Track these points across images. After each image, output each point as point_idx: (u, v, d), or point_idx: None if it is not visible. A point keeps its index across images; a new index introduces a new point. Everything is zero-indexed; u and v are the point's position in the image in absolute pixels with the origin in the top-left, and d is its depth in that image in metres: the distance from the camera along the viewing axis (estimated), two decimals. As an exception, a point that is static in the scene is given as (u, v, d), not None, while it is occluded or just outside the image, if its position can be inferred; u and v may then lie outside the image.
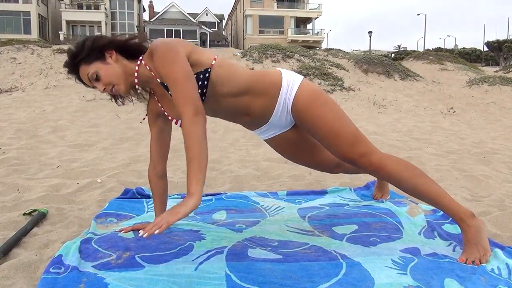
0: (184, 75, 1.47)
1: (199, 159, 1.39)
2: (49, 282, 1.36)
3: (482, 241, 1.60)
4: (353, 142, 1.66)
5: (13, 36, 24.86)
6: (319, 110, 1.68)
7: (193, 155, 1.39)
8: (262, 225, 2.00)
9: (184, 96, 1.44)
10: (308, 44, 35.20)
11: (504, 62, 27.25)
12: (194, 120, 1.42)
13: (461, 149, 4.46)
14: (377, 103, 9.35)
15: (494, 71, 15.18)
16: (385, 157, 1.68)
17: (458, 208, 1.65)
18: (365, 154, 1.66)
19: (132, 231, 1.67)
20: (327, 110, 1.69)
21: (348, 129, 1.69)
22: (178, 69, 1.47)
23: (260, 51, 12.76)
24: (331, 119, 1.68)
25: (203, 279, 1.42)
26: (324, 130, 1.68)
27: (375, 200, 2.43)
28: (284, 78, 1.71)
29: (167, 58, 1.49)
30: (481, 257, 1.57)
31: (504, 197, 2.58)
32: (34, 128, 5.39)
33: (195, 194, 1.34)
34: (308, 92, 1.70)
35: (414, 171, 1.69)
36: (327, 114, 1.68)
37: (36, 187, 2.68)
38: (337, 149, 1.69)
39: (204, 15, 44.77)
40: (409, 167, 1.69)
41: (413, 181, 1.66)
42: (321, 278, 1.43)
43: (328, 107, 1.70)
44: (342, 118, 1.71)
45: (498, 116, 8.46)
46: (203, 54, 1.60)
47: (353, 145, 1.66)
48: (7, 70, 11.20)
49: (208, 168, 3.36)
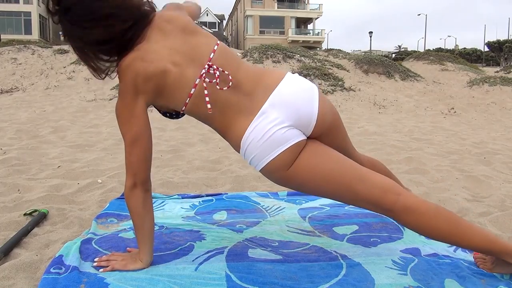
0: (130, 138, 1.36)
1: (141, 230, 1.44)
2: (49, 282, 1.36)
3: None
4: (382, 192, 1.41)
5: (14, 37, 24.88)
6: (299, 187, 1.48)
7: (135, 226, 1.45)
8: (262, 225, 2.00)
9: (127, 163, 1.38)
10: (309, 45, 35.21)
11: (505, 63, 27.25)
12: (131, 193, 1.39)
13: (462, 149, 4.46)
14: (378, 104, 9.35)
15: (494, 72, 15.16)
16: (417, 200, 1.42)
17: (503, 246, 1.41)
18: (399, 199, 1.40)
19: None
20: (310, 186, 1.45)
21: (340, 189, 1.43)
22: (126, 131, 1.37)
23: (261, 51, 12.76)
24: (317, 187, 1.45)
25: (203, 279, 1.42)
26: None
27: None
28: (241, 149, 1.46)
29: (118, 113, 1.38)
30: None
31: (504, 197, 2.58)
32: (34, 129, 5.39)
33: (142, 261, 1.48)
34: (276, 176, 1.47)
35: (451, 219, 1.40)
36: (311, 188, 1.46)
37: (36, 187, 2.68)
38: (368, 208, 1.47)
39: (204, 15, 44.82)
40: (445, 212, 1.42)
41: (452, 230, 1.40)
42: (321, 279, 1.43)
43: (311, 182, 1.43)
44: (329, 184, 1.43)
45: (499, 116, 8.45)
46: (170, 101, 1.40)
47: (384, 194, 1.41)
48: (8, 70, 11.22)
49: (208, 169, 3.36)
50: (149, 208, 1.44)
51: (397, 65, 12.91)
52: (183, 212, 2.21)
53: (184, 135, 4.99)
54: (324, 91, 10.01)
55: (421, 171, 3.30)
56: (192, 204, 2.35)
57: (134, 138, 1.37)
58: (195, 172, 3.25)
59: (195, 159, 3.73)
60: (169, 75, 1.36)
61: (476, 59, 35.40)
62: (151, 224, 1.45)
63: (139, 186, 1.39)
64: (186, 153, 3.97)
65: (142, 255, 1.46)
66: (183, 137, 4.86)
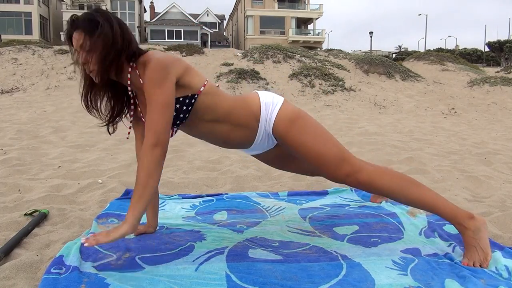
0: (163, 102, 1.46)
1: (142, 189, 1.43)
2: (50, 282, 1.36)
3: (481, 243, 1.58)
4: (337, 164, 1.65)
5: (15, 37, 24.91)
6: (298, 136, 1.67)
7: (138, 183, 1.44)
8: (263, 225, 2.00)
9: (154, 123, 1.45)
10: (309, 45, 35.23)
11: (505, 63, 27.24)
12: (150, 151, 1.44)
13: (462, 149, 4.46)
14: (378, 104, 9.34)
15: (495, 72, 15.16)
16: (372, 173, 1.66)
17: (455, 211, 1.64)
18: (352, 173, 1.65)
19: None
20: (307, 135, 1.67)
21: (331, 151, 1.66)
22: (159, 95, 1.46)
23: (261, 51, 12.76)
24: (312, 143, 1.66)
25: (203, 279, 1.42)
26: (305, 154, 1.67)
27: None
28: (262, 106, 1.69)
29: (154, 77, 1.47)
30: (482, 262, 1.55)
31: (505, 197, 2.58)
32: (35, 129, 5.40)
33: (127, 221, 1.41)
34: (286, 118, 1.68)
35: (403, 182, 1.66)
36: (307, 139, 1.66)
37: (37, 187, 2.69)
38: (322, 171, 1.69)
39: (205, 15, 44.81)
40: (398, 178, 1.67)
41: (404, 192, 1.65)
42: (322, 279, 1.43)
43: (308, 131, 1.68)
44: (324, 140, 1.68)
45: (499, 116, 8.45)
46: (194, 78, 1.59)
47: (337, 167, 1.65)
48: (9, 70, 11.23)
49: (209, 169, 3.36)
50: (159, 171, 1.47)
51: (397, 65, 12.91)
52: (184, 212, 2.22)
53: (185, 135, 4.98)
54: (325, 91, 10.01)
55: (422, 171, 3.30)
56: (192, 204, 2.36)
57: (167, 102, 1.47)
58: (195, 172, 3.25)
59: (195, 159, 3.73)
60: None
61: (476, 59, 35.36)
62: (153, 188, 1.46)
63: (160, 146, 1.45)
64: (186, 153, 3.97)
65: (130, 214, 1.42)
66: (183, 137, 4.85)
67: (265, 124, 1.69)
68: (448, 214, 1.64)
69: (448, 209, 1.64)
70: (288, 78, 10.82)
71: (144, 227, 1.85)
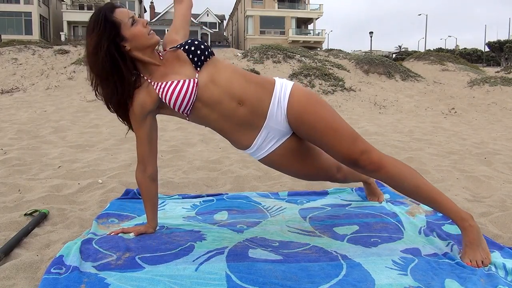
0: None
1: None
2: (50, 282, 1.36)
3: (483, 244, 1.60)
4: (353, 139, 1.66)
5: (15, 37, 24.88)
6: (316, 107, 1.68)
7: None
8: (263, 225, 2.00)
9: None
10: (309, 45, 35.20)
11: (506, 63, 27.23)
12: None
13: (462, 149, 4.46)
14: (378, 104, 9.35)
15: (495, 72, 15.16)
16: (384, 156, 1.68)
17: (458, 209, 1.66)
18: (366, 151, 1.65)
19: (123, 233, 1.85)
20: (323, 108, 1.70)
21: (346, 126, 1.70)
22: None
23: (261, 51, 12.76)
24: (329, 116, 1.68)
25: (203, 279, 1.42)
26: (323, 127, 1.66)
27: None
28: (277, 81, 1.75)
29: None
30: (484, 260, 1.56)
31: (505, 197, 2.58)
32: (35, 129, 5.40)
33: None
34: (301, 92, 1.72)
35: (413, 172, 1.69)
36: (324, 111, 1.69)
37: (37, 187, 2.69)
38: (337, 147, 1.66)
39: (205, 15, 44.80)
40: (407, 167, 1.70)
41: (414, 182, 1.65)
42: (322, 279, 1.43)
43: (323, 105, 1.72)
44: (338, 116, 1.73)
45: (500, 116, 8.45)
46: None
47: (353, 142, 1.65)
48: (9, 70, 11.23)
49: (209, 169, 3.37)
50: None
51: (397, 65, 12.91)
52: (184, 212, 2.22)
53: (185, 135, 4.99)
54: (325, 91, 10.01)
55: (422, 171, 3.30)
56: (193, 204, 2.36)
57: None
58: (195, 172, 3.25)
59: (195, 159, 3.73)
60: None
61: (476, 59, 35.36)
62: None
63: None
64: (186, 154, 3.97)
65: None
66: (183, 137, 4.85)
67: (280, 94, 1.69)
68: (452, 210, 1.65)
69: (452, 206, 1.66)
70: (288, 78, 10.82)
71: (144, 227, 1.85)
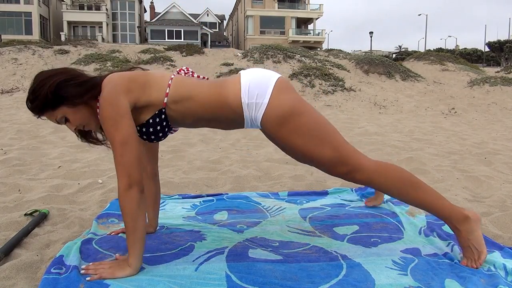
0: (122, 141, 1.41)
1: (133, 233, 1.43)
2: (50, 282, 1.36)
3: (475, 243, 1.56)
4: (332, 165, 1.56)
5: (15, 37, 24.91)
6: (288, 138, 1.53)
7: (127, 229, 1.44)
8: (263, 225, 2.00)
9: (119, 164, 1.41)
10: (309, 45, 35.21)
11: (506, 63, 27.25)
12: (126, 194, 1.40)
13: (462, 149, 4.46)
14: (378, 104, 9.34)
15: (495, 72, 15.15)
16: (372, 173, 1.57)
17: (449, 212, 1.59)
18: (349, 172, 1.56)
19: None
20: (298, 137, 1.53)
21: (324, 154, 1.54)
22: (116, 136, 1.41)
23: (261, 51, 12.76)
24: (303, 145, 1.53)
25: (203, 279, 1.42)
26: (300, 155, 1.59)
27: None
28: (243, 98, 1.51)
29: (106, 116, 1.43)
30: (476, 260, 1.55)
31: (505, 197, 2.58)
32: (35, 129, 5.40)
33: (131, 266, 1.44)
34: (275, 113, 1.51)
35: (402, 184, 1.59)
36: (298, 142, 1.53)
37: (37, 187, 2.69)
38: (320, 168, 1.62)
39: (205, 15, 44.81)
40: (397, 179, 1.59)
41: (402, 194, 1.61)
42: (322, 279, 1.43)
43: (300, 132, 1.52)
44: (318, 141, 1.53)
45: (500, 116, 8.45)
46: (153, 92, 1.51)
47: (334, 167, 1.56)
48: (9, 70, 11.23)
49: (209, 169, 3.37)
50: (143, 209, 1.45)
51: (397, 65, 12.91)
52: (184, 212, 2.22)
53: (185, 136, 4.99)
54: (325, 91, 10.01)
55: (422, 171, 3.30)
56: (193, 204, 2.36)
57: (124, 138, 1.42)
58: (195, 173, 3.25)
59: (195, 159, 3.73)
60: None
61: (476, 59, 35.36)
62: (144, 227, 1.45)
63: (134, 185, 1.41)
64: (186, 154, 3.97)
65: (132, 259, 1.44)
66: (183, 137, 4.85)
67: (250, 119, 1.55)
68: (443, 215, 1.61)
69: (446, 210, 1.60)
70: (288, 78, 10.82)
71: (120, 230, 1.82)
